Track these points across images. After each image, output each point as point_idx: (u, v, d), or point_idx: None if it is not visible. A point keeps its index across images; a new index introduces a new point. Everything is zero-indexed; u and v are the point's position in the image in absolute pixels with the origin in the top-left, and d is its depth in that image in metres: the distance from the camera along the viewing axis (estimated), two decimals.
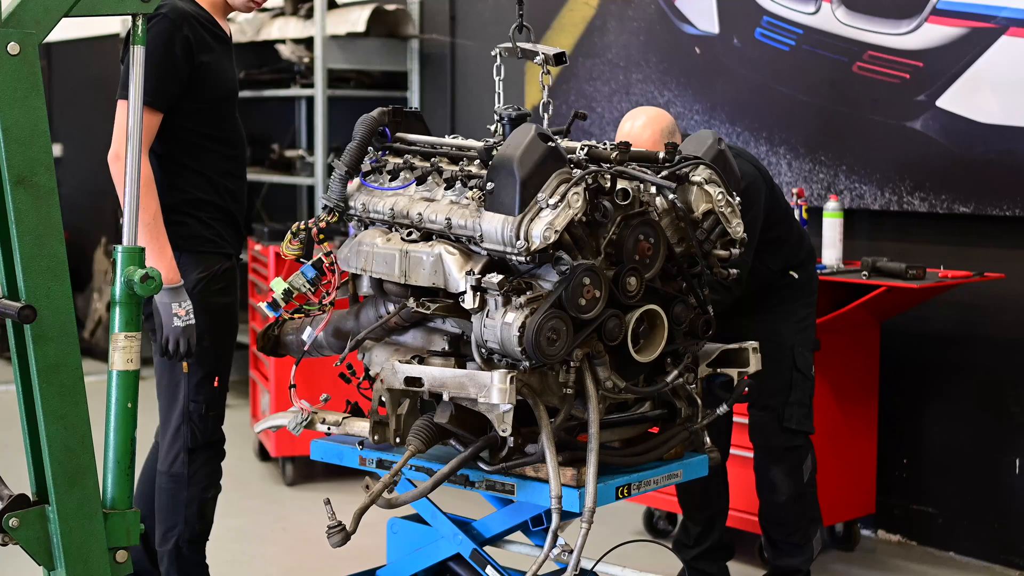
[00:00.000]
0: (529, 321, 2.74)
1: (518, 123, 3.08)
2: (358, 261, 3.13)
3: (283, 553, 5.02)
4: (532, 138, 2.80)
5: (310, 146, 7.49)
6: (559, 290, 2.77)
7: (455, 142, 3.19)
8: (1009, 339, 4.75)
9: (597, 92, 5.94)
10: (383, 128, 3.25)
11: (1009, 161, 4.60)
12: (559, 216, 2.76)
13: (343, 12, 6.85)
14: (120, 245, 2.61)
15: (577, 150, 2.96)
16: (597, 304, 2.82)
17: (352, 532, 2.82)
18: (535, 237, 2.75)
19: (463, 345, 3.01)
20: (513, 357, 2.80)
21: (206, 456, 3.75)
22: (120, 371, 2.60)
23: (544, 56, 3.18)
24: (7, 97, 2.42)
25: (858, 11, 4.99)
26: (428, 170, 3.07)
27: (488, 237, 2.83)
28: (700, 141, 3.14)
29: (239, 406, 7.44)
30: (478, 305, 2.81)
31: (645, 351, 2.97)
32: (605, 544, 3.38)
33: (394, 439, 3.01)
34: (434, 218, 2.98)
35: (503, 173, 2.80)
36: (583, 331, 2.83)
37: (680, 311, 3.03)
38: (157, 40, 3.48)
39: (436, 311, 2.94)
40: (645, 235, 2.93)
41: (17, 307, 2.42)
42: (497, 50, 3.25)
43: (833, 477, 4.79)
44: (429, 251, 2.94)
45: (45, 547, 2.54)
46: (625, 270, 2.88)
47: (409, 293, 3.03)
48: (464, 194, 2.96)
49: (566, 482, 2.86)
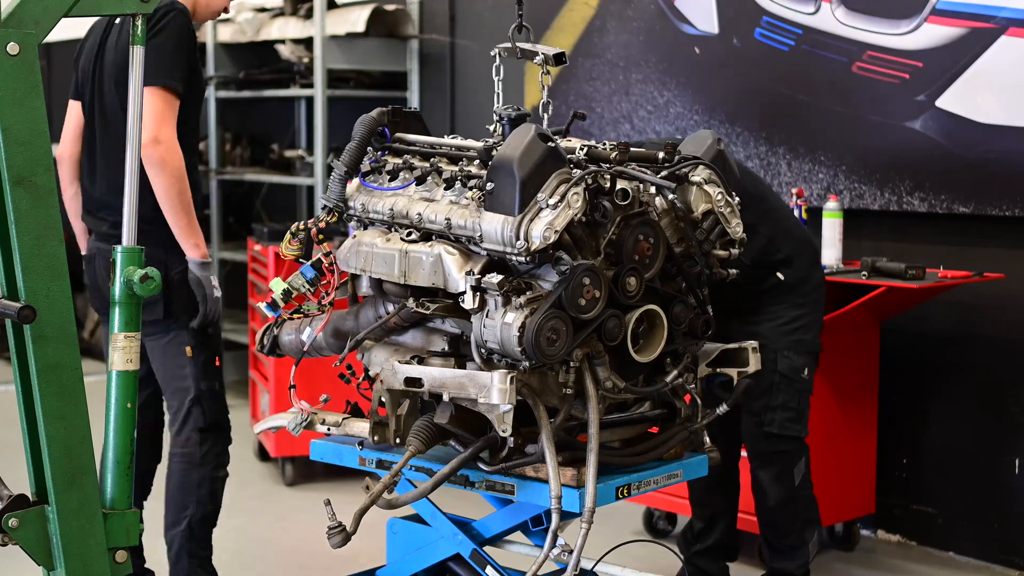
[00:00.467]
0: (529, 321, 2.74)
1: (518, 123, 3.08)
2: (357, 261, 3.13)
3: (283, 553, 5.02)
4: (532, 138, 2.80)
5: (310, 146, 7.49)
6: (559, 290, 2.77)
7: (454, 142, 3.19)
8: (1009, 339, 4.75)
9: (597, 92, 5.94)
10: (382, 128, 3.25)
11: (1009, 161, 4.60)
12: (559, 216, 2.76)
13: (343, 12, 6.85)
14: (119, 246, 2.61)
15: (577, 150, 2.96)
16: (597, 304, 2.82)
17: (352, 533, 2.82)
18: (535, 237, 2.75)
19: (463, 345, 3.01)
20: (513, 357, 2.80)
21: (215, 437, 3.93)
22: (120, 371, 2.60)
23: (544, 56, 3.18)
24: (7, 97, 2.42)
25: (858, 11, 4.99)
26: (428, 170, 3.07)
27: (488, 237, 2.83)
28: (699, 141, 3.14)
29: (239, 406, 7.44)
30: (478, 305, 2.81)
31: (645, 351, 2.97)
32: (605, 544, 3.38)
33: (394, 439, 3.01)
34: (434, 218, 2.98)
35: (503, 173, 2.80)
36: (583, 331, 2.83)
37: (680, 311, 3.03)
38: (179, 31, 3.71)
39: (436, 311, 2.94)
40: (645, 235, 2.93)
41: (17, 307, 2.42)
42: (496, 50, 3.25)
43: (833, 477, 4.79)
44: (429, 251, 2.94)
45: (45, 547, 2.54)
46: (625, 270, 2.88)
47: (409, 293, 3.03)
48: (464, 194, 2.96)
49: (566, 482, 2.86)
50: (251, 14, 7.39)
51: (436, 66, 6.93)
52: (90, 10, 2.56)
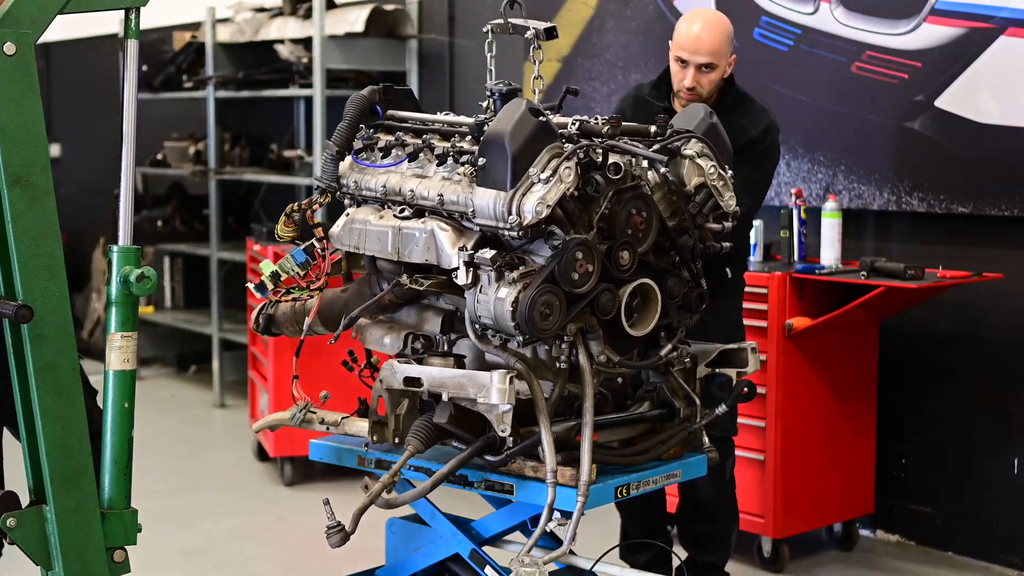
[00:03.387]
0: (522, 296, 2.73)
1: (509, 98, 3.04)
2: (351, 239, 3.12)
3: (282, 553, 5.02)
4: (523, 113, 2.80)
5: (308, 146, 7.48)
6: (552, 264, 2.76)
7: (446, 119, 3.19)
8: (1008, 339, 4.75)
9: (596, 92, 5.94)
10: (374, 106, 3.24)
11: (1008, 161, 4.60)
12: (551, 190, 2.75)
13: (342, 12, 6.85)
14: (116, 245, 2.61)
15: (568, 124, 2.95)
16: (590, 278, 2.81)
17: (351, 532, 2.82)
18: (527, 212, 2.74)
19: (457, 323, 3.01)
20: (507, 332, 2.78)
21: None
22: (117, 371, 2.60)
23: (535, 31, 3.17)
24: (3, 97, 2.41)
25: (857, 11, 4.99)
26: (420, 147, 3.06)
27: (480, 212, 2.82)
28: (692, 115, 3.13)
29: (238, 406, 7.44)
30: (471, 281, 2.80)
31: (639, 325, 2.96)
32: (605, 544, 3.38)
33: (393, 439, 3.01)
34: (426, 194, 2.97)
35: (494, 148, 2.79)
36: (576, 305, 2.81)
37: (673, 285, 3.02)
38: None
39: (429, 287, 2.93)
40: (637, 209, 2.92)
41: (14, 307, 2.42)
42: (489, 27, 3.23)
43: (832, 477, 4.79)
44: (422, 227, 2.93)
45: (43, 547, 2.54)
46: (618, 244, 2.87)
47: (402, 270, 3.02)
48: (456, 170, 2.95)
49: (565, 482, 2.86)
50: (250, 14, 7.39)
51: (435, 66, 6.93)
52: (85, 6, 2.55)
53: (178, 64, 7.94)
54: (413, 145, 3.10)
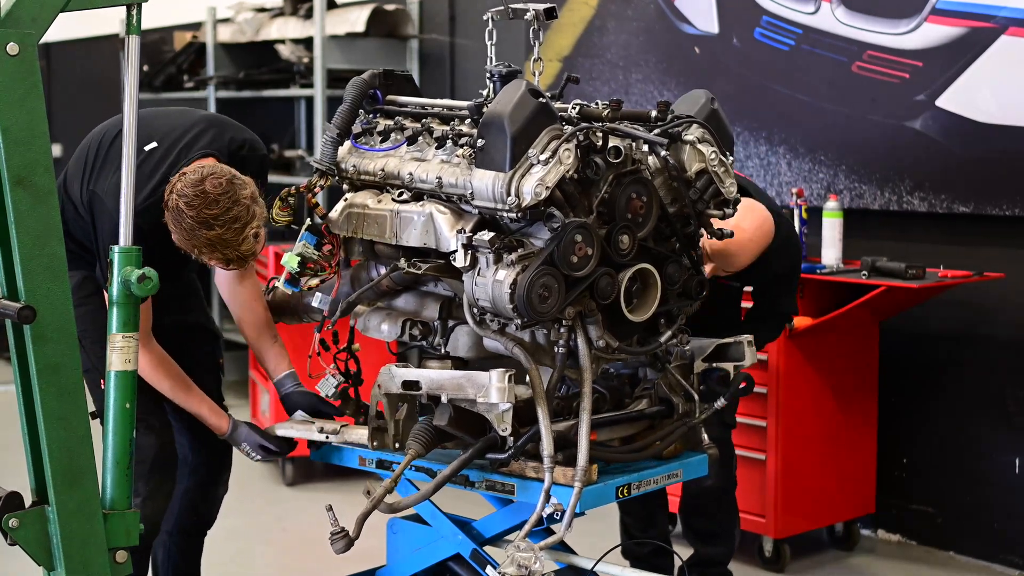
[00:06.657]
0: (520, 278, 2.73)
1: (509, 80, 3.04)
2: (349, 224, 3.12)
3: (283, 553, 5.02)
4: (523, 94, 2.79)
5: (309, 146, 7.49)
6: (551, 247, 2.75)
7: (446, 102, 3.18)
8: (1009, 339, 4.75)
9: (597, 92, 5.93)
10: (374, 91, 3.24)
11: (1009, 161, 4.60)
12: (550, 172, 2.74)
13: (342, 12, 6.85)
14: (117, 246, 2.61)
15: (569, 108, 2.94)
16: (589, 262, 2.80)
17: (355, 538, 2.81)
18: (526, 193, 2.73)
19: (455, 308, 3.00)
20: (505, 315, 2.78)
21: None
22: (118, 371, 2.60)
23: (534, 12, 3.16)
24: (6, 98, 2.41)
25: (857, 11, 4.98)
26: (418, 130, 3.06)
27: (479, 194, 2.81)
28: (693, 100, 3.11)
29: (239, 406, 7.44)
30: (469, 263, 2.79)
31: (638, 311, 2.95)
32: (605, 544, 3.38)
33: (393, 444, 3.00)
34: (425, 177, 2.97)
35: (493, 129, 2.78)
36: (575, 288, 2.81)
37: (673, 271, 3.01)
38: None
39: (427, 271, 2.92)
40: (637, 193, 2.91)
41: (16, 307, 2.42)
42: (489, 14, 3.22)
43: (833, 477, 4.79)
44: (420, 211, 2.93)
45: (45, 547, 2.54)
46: (617, 228, 2.86)
47: (400, 254, 3.01)
48: (455, 153, 2.95)
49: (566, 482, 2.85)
50: (251, 14, 7.39)
51: (436, 66, 6.92)
52: (86, 3, 2.55)
53: (179, 64, 7.93)
54: (412, 129, 3.08)
